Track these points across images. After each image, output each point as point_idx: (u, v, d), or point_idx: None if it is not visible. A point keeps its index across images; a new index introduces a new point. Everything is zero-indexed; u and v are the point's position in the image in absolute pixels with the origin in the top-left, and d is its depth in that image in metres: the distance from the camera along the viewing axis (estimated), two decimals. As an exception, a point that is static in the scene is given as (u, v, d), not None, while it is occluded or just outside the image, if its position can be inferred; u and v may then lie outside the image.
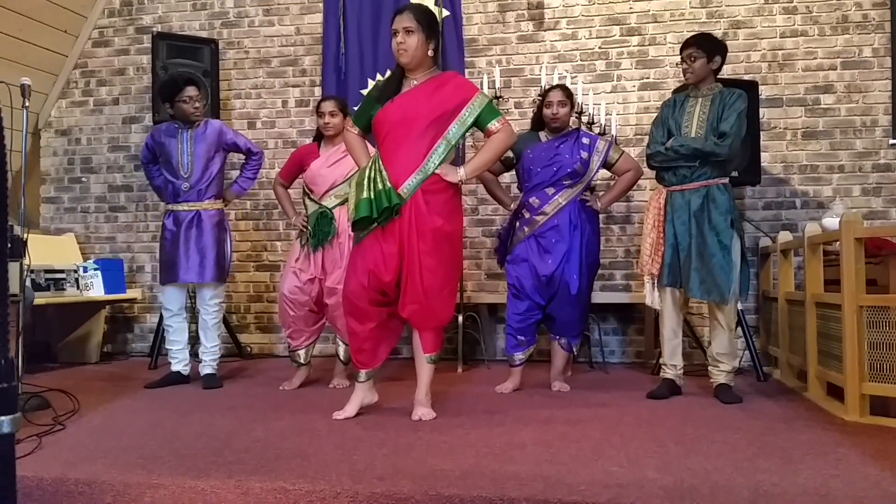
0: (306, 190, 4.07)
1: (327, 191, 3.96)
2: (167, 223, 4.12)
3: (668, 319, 3.67)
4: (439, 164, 3.07)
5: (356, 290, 3.10)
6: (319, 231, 3.92)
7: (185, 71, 4.73)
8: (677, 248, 3.57)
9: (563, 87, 3.99)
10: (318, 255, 3.95)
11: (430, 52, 3.09)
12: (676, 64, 3.71)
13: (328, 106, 3.99)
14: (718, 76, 3.67)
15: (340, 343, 4.06)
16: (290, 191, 4.24)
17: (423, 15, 3.08)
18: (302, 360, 4.06)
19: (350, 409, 3.15)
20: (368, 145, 3.30)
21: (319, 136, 4.09)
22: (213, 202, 4.12)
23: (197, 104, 4.07)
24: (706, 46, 3.57)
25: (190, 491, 2.13)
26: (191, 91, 4.06)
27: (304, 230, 3.99)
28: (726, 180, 3.60)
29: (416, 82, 3.12)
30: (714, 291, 3.47)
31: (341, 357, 4.08)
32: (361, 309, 3.12)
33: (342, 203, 3.92)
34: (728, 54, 3.52)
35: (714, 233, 3.48)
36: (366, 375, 3.21)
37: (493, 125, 3.12)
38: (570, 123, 4.01)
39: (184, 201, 4.08)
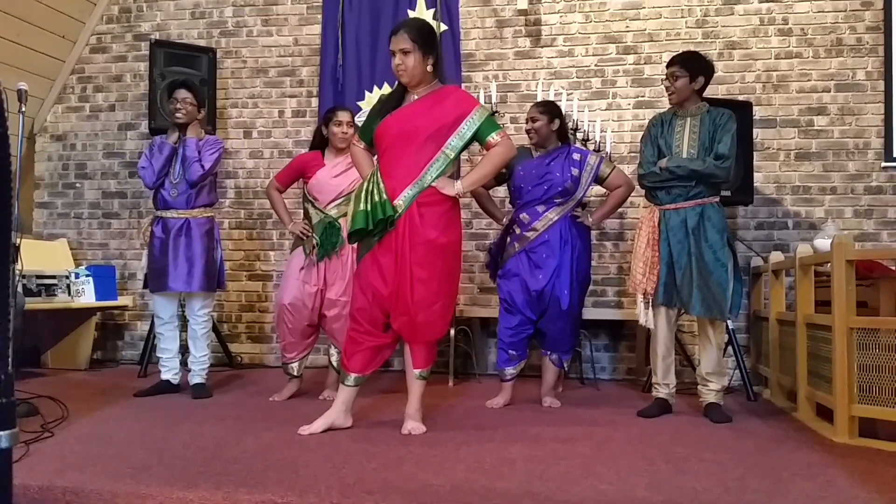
0: (310, 198, 4.03)
1: (333, 200, 3.94)
2: (156, 230, 4.08)
3: (662, 338, 3.65)
4: (437, 177, 3.07)
5: (362, 308, 3.11)
6: (327, 241, 3.90)
7: (188, 78, 4.73)
8: (672, 266, 3.56)
9: (539, 103, 4.03)
10: (321, 265, 3.93)
11: (428, 68, 3.09)
12: (661, 81, 3.71)
13: (346, 116, 3.96)
14: (712, 96, 3.68)
15: (334, 352, 4.01)
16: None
17: (419, 32, 3.06)
18: (295, 373, 4.04)
19: (317, 426, 3.07)
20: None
21: (318, 146, 4.08)
22: (202, 210, 4.10)
23: (179, 106, 4.02)
24: (689, 66, 3.57)
25: (178, 502, 2.12)
26: (179, 94, 4.04)
27: (306, 237, 3.96)
28: (719, 198, 3.63)
29: (416, 97, 3.13)
30: (714, 308, 3.48)
31: (335, 365, 4.02)
32: (365, 328, 3.11)
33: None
34: (723, 75, 3.55)
35: (711, 250, 3.49)
36: (354, 380, 3.16)
37: (493, 138, 3.11)
38: (567, 139, 4.03)
39: (172, 208, 4.06)
